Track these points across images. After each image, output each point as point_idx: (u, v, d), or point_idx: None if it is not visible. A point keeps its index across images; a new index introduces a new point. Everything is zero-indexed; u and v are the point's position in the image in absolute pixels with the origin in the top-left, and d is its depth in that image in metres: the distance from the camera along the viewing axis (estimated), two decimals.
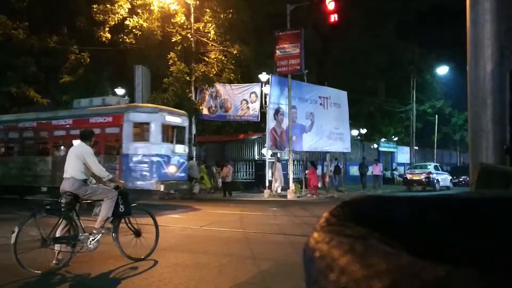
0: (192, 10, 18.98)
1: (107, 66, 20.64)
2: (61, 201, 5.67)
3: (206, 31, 19.11)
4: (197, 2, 18.75)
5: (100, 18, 18.36)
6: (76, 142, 6.53)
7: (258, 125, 22.02)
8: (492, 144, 2.64)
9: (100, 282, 5.23)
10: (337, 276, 0.35)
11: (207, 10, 18.81)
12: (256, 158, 22.18)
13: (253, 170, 21.86)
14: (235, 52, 18.91)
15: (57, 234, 5.44)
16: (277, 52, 18.66)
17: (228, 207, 13.77)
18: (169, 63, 18.55)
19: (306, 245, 0.43)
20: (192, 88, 19.53)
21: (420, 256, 0.35)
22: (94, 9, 18.24)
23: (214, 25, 18.74)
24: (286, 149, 18.79)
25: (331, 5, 16.94)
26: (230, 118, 21.73)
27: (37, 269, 5.16)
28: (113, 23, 18.50)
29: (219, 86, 20.64)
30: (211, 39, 19.16)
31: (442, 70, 31.28)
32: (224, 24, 18.60)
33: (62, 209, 5.53)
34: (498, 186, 1.17)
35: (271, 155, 19.45)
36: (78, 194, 5.75)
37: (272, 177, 18.35)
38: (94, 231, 5.75)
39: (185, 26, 18.96)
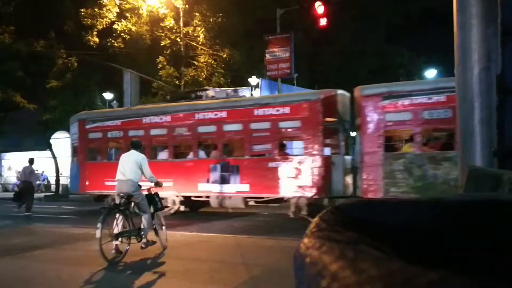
0: (181, 14, 18.96)
1: (96, 71, 20.49)
2: (121, 202, 6.56)
3: (195, 35, 19.10)
4: (187, 6, 18.73)
5: (88, 22, 18.25)
6: None
7: None
8: (480, 146, 2.67)
9: None
10: (328, 282, 0.35)
11: (197, 14, 18.81)
12: None
13: None
14: (224, 56, 18.94)
15: (120, 230, 6.37)
16: (267, 56, 18.75)
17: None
18: (158, 67, 18.50)
19: (296, 251, 0.43)
20: None
21: (411, 260, 0.35)
22: (82, 13, 18.12)
23: (203, 29, 18.75)
24: None
25: (320, 9, 17.04)
26: None
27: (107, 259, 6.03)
28: (102, 27, 18.40)
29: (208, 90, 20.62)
30: (200, 43, 19.15)
31: (431, 73, 31.64)
32: (214, 28, 18.62)
33: (125, 208, 6.50)
34: (486, 189, 1.18)
35: None
36: (133, 195, 6.59)
37: None
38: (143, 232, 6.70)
39: (175, 30, 18.93)
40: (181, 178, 11.92)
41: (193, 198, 11.93)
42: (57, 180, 23.28)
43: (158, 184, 6.95)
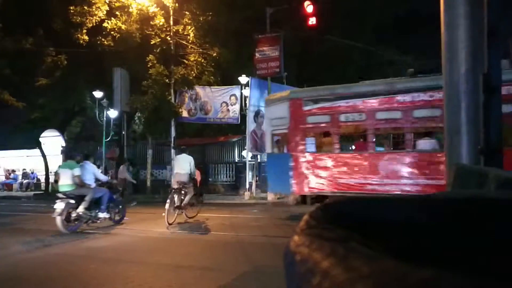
0: (171, 13, 18.83)
1: (85, 69, 20.25)
2: (180, 187, 9.97)
3: (185, 33, 18.98)
4: (176, 4, 18.61)
5: (77, 20, 18.02)
6: None
7: (238, 128, 22.00)
8: (467, 144, 2.71)
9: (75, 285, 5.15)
10: (319, 279, 0.35)
11: (187, 12, 18.69)
12: (237, 160, 22.19)
13: (234, 172, 21.85)
14: (214, 54, 18.85)
15: (177, 204, 9.91)
16: (257, 54, 18.74)
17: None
18: (148, 65, 18.36)
19: (286, 248, 0.43)
20: (172, 91, 19.37)
21: (400, 258, 0.36)
22: (71, 11, 17.90)
23: (193, 27, 18.64)
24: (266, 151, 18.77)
25: (309, 8, 17.04)
26: (211, 121, 21.66)
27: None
28: (91, 25, 18.19)
29: (198, 89, 20.53)
30: (190, 41, 19.04)
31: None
32: (204, 26, 18.52)
33: (181, 191, 10.00)
34: (473, 186, 1.20)
35: (251, 157, 19.45)
36: (187, 183, 10.11)
37: (252, 179, 18.37)
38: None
39: (164, 29, 18.79)
40: None
41: None
42: (47, 178, 23.05)
43: (194, 180, 10.54)
